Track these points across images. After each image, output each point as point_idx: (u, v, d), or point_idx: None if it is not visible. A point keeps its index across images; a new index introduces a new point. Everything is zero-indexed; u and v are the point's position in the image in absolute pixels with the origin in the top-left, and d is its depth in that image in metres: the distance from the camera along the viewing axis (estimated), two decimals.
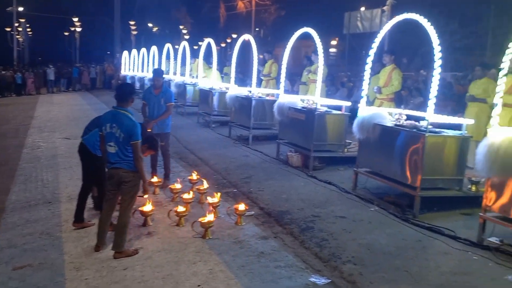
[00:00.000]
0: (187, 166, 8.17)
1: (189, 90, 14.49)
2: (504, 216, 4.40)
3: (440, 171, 5.51)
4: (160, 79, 6.98)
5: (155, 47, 19.60)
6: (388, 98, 8.75)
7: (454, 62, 30.45)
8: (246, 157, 8.72)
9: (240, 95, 10.56)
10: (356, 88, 14.36)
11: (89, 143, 5.23)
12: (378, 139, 6.17)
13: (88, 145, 5.24)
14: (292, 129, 8.35)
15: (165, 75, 12.66)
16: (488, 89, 7.64)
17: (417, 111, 6.66)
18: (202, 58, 14.46)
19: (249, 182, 7.09)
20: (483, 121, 7.49)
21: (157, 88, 6.94)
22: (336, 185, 6.75)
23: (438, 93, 5.63)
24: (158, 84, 6.94)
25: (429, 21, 5.84)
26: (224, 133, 11.07)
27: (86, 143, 5.25)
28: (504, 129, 4.62)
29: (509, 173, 4.23)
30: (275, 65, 12.80)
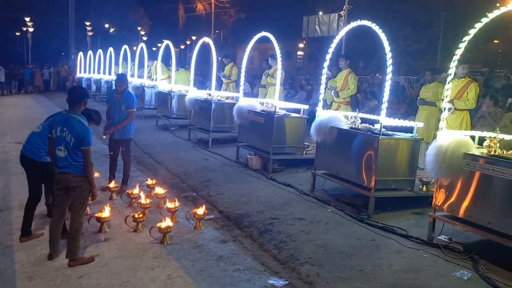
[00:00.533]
0: (145, 171, 8.05)
1: (147, 92, 14.28)
2: (452, 215, 4.61)
3: (393, 172, 5.71)
4: (122, 85, 6.84)
5: (111, 49, 19.18)
6: (345, 102, 8.98)
7: (407, 66, 31.63)
8: (205, 161, 8.69)
9: (199, 98, 10.51)
10: (314, 91, 14.61)
11: (31, 152, 4.92)
12: (334, 142, 6.32)
13: (29, 155, 4.92)
14: (251, 132, 8.41)
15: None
16: (437, 93, 7.99)
17: (371, 114, 6.87)
18: (161, 60, 14.29)
19: (209, 186, 7.07)
20: (433, 124, 7.83)
21: (119, 92, 6.82)
22: (295, 187, 6.85)
23: (391, 97, 5.84)
24: (121, 89, 6.82)
25: (383, 26, 6.04)
26: (183, 136, 10.99)
27: (28, 154, 4.93)
28: (452, 131, 4.85)
29: (456, 174, 4.45)
30: (235, 68, 12.82)
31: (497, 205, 4.16)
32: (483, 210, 4.28)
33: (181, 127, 11.89)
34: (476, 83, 7.13)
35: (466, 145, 4.45)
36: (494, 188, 4.19)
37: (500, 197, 4.14)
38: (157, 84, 14.04)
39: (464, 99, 6.96)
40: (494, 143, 4.35)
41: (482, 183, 4.28)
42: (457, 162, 4.39)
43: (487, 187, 4.25)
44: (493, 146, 4.33)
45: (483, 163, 4.27)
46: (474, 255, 4.37)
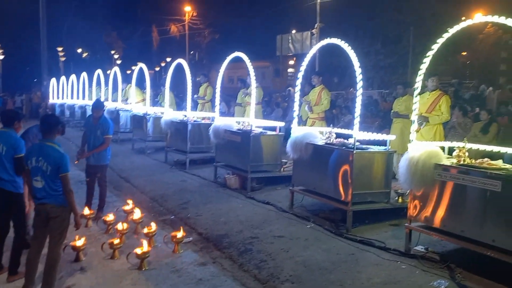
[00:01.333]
0: (122, 195, 7.94)
1: (122, 116, 14.16)
2: (428, 225, 4.69)
3: (369, 185, 5.78)
4: (98, 111, 6.79)
5: (85, 74, 19.03)
6: (320, 117, 9.10)
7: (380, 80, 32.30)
8: (183, 182, 8.63)
9: (175, 119, 10.49)
10: (290, 108, 14.75)
11: (5, 184, 4.70)
12: (310, 158, 6.37)
13: (4, 186, 4.70)
14: (228, 151, 8.41)
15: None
16: (410, 106, 8.15)
17: (346, 129, 6.97)
18: (135, 83, 14.23)
19: (187, 208, 7.02)
20: (407, 136, 7.94)
21: (95, 118, 6.77)
22: (273, 205, 6.86)
23: (365, 110, 5.96)
24: (97, 115, 6.77)
25: (355, 42, 6.21)
26: (160, 158, 10.90)
27: (2, 186, 4.71)
28: (422, 143, 4.96)
29: (428, 184, 4.54)
30: (210, 88, 12.87)
31: (469, 213, 4.25)
32: (456, 218, 4.37)
33: (157, 149, 11.81)
34: (447, 96, 7.32)
35: (437, 156, 4.56)
36: (465, 197, 4.29)
37: (471, 205, 4.24)
38: (132, 107, 13.95)
39: (437, 113, 7.10)
40: (463, 153, 4.47)
41: (453, 192, 4.38)
42: (429, 172, 4.49)
43: (458, 196, 4.35)
44: (462, 156, 4.45)
45: (453, 173, 4.37)
46: (450, 264, 4.44)
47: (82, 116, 17.13)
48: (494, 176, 4.05)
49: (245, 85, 12.15)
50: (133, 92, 14.28)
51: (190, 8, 40.19)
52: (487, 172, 4.11)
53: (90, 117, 6.92)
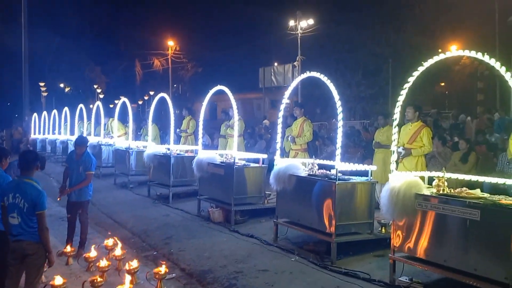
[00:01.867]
0: (103, 231, 7.78)
1: (104, 151, 14.04)
2: (411, 255, 4.70)
3: (352, 216, 5.79)
4: (82, 148, 6.73)
5: (67, 108, 18.96)
6: (302, 149, 9.16)
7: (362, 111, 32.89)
8: (166, 217, 8.53)
9: (158, 153, 10.45)
10: (274, 140, 14.85)
11: None
12: (294, 189, 6.39)
13: None
14: (212, 184, 8.38)
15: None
16: (390, 136, 8.27)
17: (328, 160, 7.03)
18: (117, 118, 14.19)
19: (170, 243, 6.91)
20: (389, 166, 8.06)
21: (78, 154, 6.70)
22: (258, 238, 6.80)
23: (348, 141, 6.04)
24: (80, 152, 6.71)
25: (336, 74, 6.37)
26: (143, 193, 10.78)
27: None
28: (403, 173, 5.04)
29: (409, 214, 4.58)
30: (193, 121, 12.92)
31: (450, 243, 4.29)
32: (438, 248, 4.39)
33: (140, 183, 11.68)
34: (428, 128, 7.45)
35: (417, 186, 4.62)
36: (446, 226, 4.34)
37: (452, 234, 4.29)
38: (114, 141, 13.88)
39: (418, 144, 7.20)
40: (442, 182, 4.54)
41: (434, 222, 4.42)
42: (410, 202, 4.54)
43: (439, 226, 4.39)
44: (441, 185, 4.52)
45: (433, 203, 4.43)
46: None
47: (64, 152, 16.93)
48: (473, 205, 4.12)
49: (228, 117, 12.24)
50: (115, 126, 14.23)
51: (173, 42, 40.77)
52: (466, 201, 4.18)
53: (73, 153, 6.86)
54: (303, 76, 6.69)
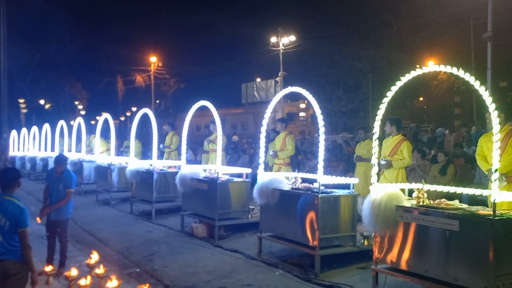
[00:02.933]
0: (85, 249, 7.66)
1: (86, 167, 13.88)
2: (394, 266, 4.76)
3: (335, 229, 5.84)
4: (61, 166, 6.65)
5: (47, 125, 18.71)
6: (285, 163, 9.23)
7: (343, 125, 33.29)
8: (149, 233, 8.45)
9: (140, 169, 10.37)
10: (257, 154, 14.90)
11: None
12: (277, 203, 6.42)
13: None
14: (195, 199, 8.35)
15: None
16: (371, 149, 8.42)
17: (311, 174, 7.10)
18: (99, 134, 14.08)
19: (153, 259, 6.84)
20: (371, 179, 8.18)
21: (58, 172, 6.63)
22: (242, 253, 6.79)
23: (330, 155, 6.11)
24: (60, 170, 6.63)
25: (317, 89, 6.49)
26: (125, 209, 10.66)
27: None
28: (384, 185, 5.12)
29: (391, 226, 4.65)
30: (176, 136, 12.90)
31: (431, 253, 4.36)
32: (419, 259, 4.46)
33: (122, 200, 11.56)
34: (408, 141, 7.61)
35: (397, 198, 4.71)
36: (427, 237, 4.41)
37: (432, 245, 4.36)
38: (95, 157, 13.74)
39: (399, 157, 7.34)
40: (422, 194, 4.64)
41: (415, 233, 4.50)
42: (391, 214, 4.61)
43: (420, 237, 4.47)
44: (421, 197, 4.62)
45: (413, 214, 4.52)
46: None
47: (44, 169, 16.66)
48: (452, 216, 4.21)
49: (210, 132, 12.26)
50: (97, 142, 14.11)
51: (155, 58, 40.81)
52: (445, 212, 4.27)
53: (53, 170, 6.78)
54: (286, 91, 6.79)
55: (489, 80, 15.62)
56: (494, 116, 4.22)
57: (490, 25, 16.03)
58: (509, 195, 4.55)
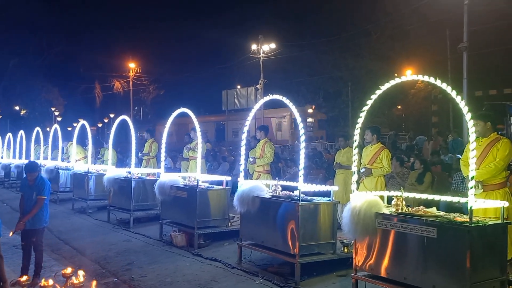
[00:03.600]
0: (61, 259, 7.49)
1: (62, 175, 13.59)
2: (373, 274, 4.78)
3: (315, 237, 5.84)
4: (33, 174, 6.48)
5: (22, 132, 18.29)
6: (265, 170, 9.23)
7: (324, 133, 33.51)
8: (127, 242, 8.30)
9: (118, 176, 10.21)
10: (237, 162, 14.86)
11: None
12: (257, 211, 6.38)
13: None
14: (174, 207, 8.25)
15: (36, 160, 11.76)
16: (351, 157, 8.49)
17: (291, 181, 7.10)
18: (76, 141, 13.83)
19: (131, 269, 6.71)
20: (350, 186, 8.23)
21: (30, 180, 6.45)
22: (221, 261, 6.72)
23: (310, 162, 6.12)
24: (31, 178, 6.46)
25: (298, 97, 6.52)
26: (102, 218, 10.47)
27: None
28: (364, 193, 5.16)
29: (370, 233, 4.68)
30: (155, 144, 12.78)
31: (409, 260, 4.40)
32: (398, 266, 4.49)
33: (99, 208, 11.35)
34: (387, 150, 7.70)
35: (377, 205, 4.74)
36: (405, 244, 4.45)
37: (411, 252, 4.40)
38: (72, 165, 13.48)
39: (378, 165, 7.42)
40: (400, 202, 4.68)
41: (394, 240, 4.53)
42: (370, 222, 4.64)
43: (399, 244, 4.50)
44: (400, 205, 4.66)
45: (392, 221, 4.55)
46: None
47: (19, 176, 16.27)
48: (429, 223, 4.26)
49: (190, 140, 12.19)
50: (74, 150, 13.86)
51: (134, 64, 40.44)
52: (423, 220, 4.32)
53: (26, 179, 6.61)
54: (266, 98, 6.79)
55: (465, 89, 15.97)
56: (470, 125, 4.29)
57: (465, 35, 16.43)
58: (485, 202, 4.63)
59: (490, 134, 5.27)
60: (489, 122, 5.27)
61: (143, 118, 46.27)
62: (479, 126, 5.21)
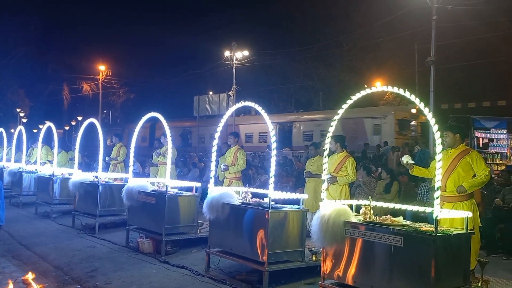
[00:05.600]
0: (22, 265, 7.20)
1: (26, 178, 13.15)
2: (341, 282, 4.81)
3: (284, 244, 5.84)
4: None
5: None
6: (236, 177, 9.19)
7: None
8: (92, 248, 8.08)
9: (84, 180, 9.95)
10: (207, 168, 14.77)
11: None
12: (227, 218, 6.34)
13: None
14: (142, 213, 8.10)
15: None
16: (321, 166, 8.58)
17: (262, 189, 7.09)
18: (41, 142, 13.44)
19: (95, 276, 6.53)
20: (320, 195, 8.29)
21: None
22: (189, 269, 6.63)
23: (281, 170, 6.13)
24: None
25: (269, 105, 6.54)
26: (67, 223, 10.16)
27: None
28: (332, 201, 5.20)
29: (339, 241, 4.72)
30: (123, 148, 12.55)
31: (376, 269, 4.46)
32: (365, 274, 4.54)
33: (64, 213, 11.02)
34: (352, 158, 7.84)
35: (345, 214, 4.79)
36: (372, 253, 4.51)
37: (378, 260, 4.46)
38: (38, 168, 13.08)
39: (344, 173, 7.53)
40: (368, 210, 4.75)
41: (362, 248, 4.59)
42: (339, 230, 4.68)
43: (366, 252, 4.56)
44: (368, 213, 4.72)
45: (360, 230, 4.60)
46: None
47: None
48: (396, 232, 4.33)
49: (161, 145, 12.05)
50: (39, 152, 13.44)
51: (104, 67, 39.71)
52: (390, 228, 4.39)
53: None
54: (238, 105, 6.79)
55: (432, 102, 16.45)
56: (437, 137, 4.40)
57: (433, 50, 16.94)
58: (450, 213, 4.75)
59: (459, 145, 5.43)
60: (458, 134, 5.43)
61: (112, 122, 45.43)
62: (448, 137, 5.37)
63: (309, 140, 23.20)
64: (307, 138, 25.83)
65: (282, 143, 25.10)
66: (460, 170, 5.26)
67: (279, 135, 26.78)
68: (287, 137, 27.91)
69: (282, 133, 28.17)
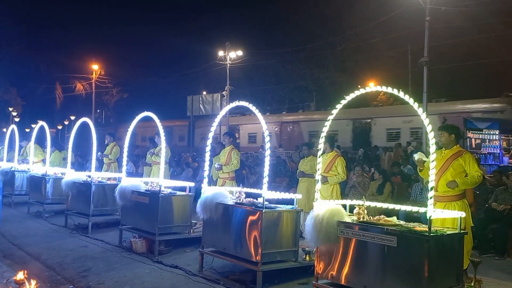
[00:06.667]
0: (13, 265, 7.15)
1: (18, 177, 13.05)
2: (334, 282, 4.82)
3: (278, 244, 5.84)
4: None
5: None
6: (230, 177, 9.18)
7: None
8: (85, 248, 8.04)
9: (77, 180, 9.89)
10: (201, 168, 14.74)
11: None
12: (221, 218, 6.33)
13: None
14: (135, 213, 8.07)
15: None
16: (314, 166, 8.60)
17: (255, 189, 7.09)
18: (34, 142, 13.33)
19: (88, 276, 6.49)
20: (313, 195, 8.30)
21: None
22: (182, 269, 6.61)
23: (274, 170, 6.14)
24: None
25: (263, 105, 6.55)
26: (59, 223, 10.10)
27: None
28: (325, 201, 5.21)
29: (332, 241, 4.73)
30: (117, 147, 12.50)
31: (370, 269, 4.47)
32: (359, 274, 4.56)
33: (57, 213, 10.95)
34: (341, 157, 7.87)
35: (339, 214, 4.80)
36: (366, 253, 4.52)
37: (371, 260, 4.47)
38: (30, 167, 12.98)
39: (334, 172, 7.56)
40: (362, 210, 4.76)
41: (355, 248, 4.60)
42: (332, 230, 4.69)
43: (360, 252, 4.57)
44: (361, 213, 4.73)
45: (354, 230, 4.62)
46: None
47: None
48: (390, 232, 4.35)
49: (154, 145, 12.01)
50: (31, 151, 13.34)
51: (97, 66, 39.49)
52: (384, 228, 4.40)
53: None
54: (232, 105, 6.79)
55: (425, 102, 16.51)
56: (431, 137, 4.41)
57: (426, 50, 17.02)
58: (443, 213, 4.78)
59: (453, 146, 5.45)
60: (453, 134, 5.45)
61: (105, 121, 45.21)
62: (443, 137, 5.39)
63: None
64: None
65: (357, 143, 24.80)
66: (452, 170, 5.29)
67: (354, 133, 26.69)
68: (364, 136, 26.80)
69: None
